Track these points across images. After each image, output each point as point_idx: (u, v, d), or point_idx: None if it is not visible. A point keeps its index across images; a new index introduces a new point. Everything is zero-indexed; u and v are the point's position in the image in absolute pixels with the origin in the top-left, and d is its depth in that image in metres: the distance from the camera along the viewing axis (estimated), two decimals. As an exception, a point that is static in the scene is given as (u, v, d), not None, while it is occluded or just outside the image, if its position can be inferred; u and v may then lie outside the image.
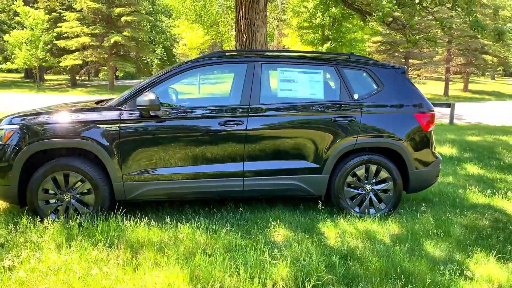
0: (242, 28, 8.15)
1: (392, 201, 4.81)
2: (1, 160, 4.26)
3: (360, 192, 4.78)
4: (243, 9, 8.03)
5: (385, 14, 11.31)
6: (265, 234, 4.13)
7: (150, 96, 4.22)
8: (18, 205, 4.46)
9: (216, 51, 5.22)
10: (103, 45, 29.65)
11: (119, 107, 4.41)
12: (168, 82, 4.66)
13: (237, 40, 8.39)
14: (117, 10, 29.86)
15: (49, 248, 3.65)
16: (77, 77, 36.05)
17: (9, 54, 31.16)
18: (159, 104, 4.25)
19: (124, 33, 29.91)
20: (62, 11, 30.49)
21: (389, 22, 11.94)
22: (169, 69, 4.72)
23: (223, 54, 5.04)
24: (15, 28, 31.79)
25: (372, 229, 4.31)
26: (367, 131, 4.67)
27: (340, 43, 26.78)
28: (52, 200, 4.37)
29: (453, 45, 34.44)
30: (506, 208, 5.15)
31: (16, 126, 4.32)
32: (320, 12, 25.88)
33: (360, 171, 4.74)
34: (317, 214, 4.70)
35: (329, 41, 26.49)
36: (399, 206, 5.00)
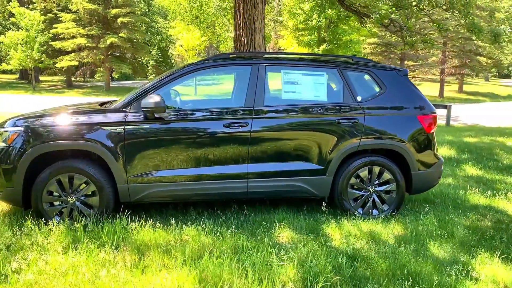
0: (241, 30, 8.17)
1: (395, 203, 4.84)
2: (6, 162, 4.25)
3: (364, 194, 4.81)
4: (242, 11, 8.05)
5: (383, 16, 11.38)
6: (270, 236, 4.15)
7: (156, 98, 4.23)
8: (22, 208, 4.45)
9: (220, 54, 5.24)
10: (99, 46, 29.56)
11: (124, 109, 4.41)
12: (172, 84, 4.67)
13: (236, 42, 8.40)
14: (113, 11, 29.79)
15: (56, 251, 3.65)
16: (73, 78, 35.92)
17: (4, 55, 31.01)
18: (165, 106, 4.26)
19: (121, 34, 29.85)
20: (58, 12, 30.36)
21: (387, 24, 12.00)
22: (173, 72, 4.73)
23: (227, 57, 5.06)
24: (10, 29, 31.67)
25: (376, 230, 4.34)
26: (370, 133, 4.70)
27: (336, 45, 26.88)
28: (57, 202, 4.36)
29: (448, 47, 34.64)
30: (507, 209, 5.20)
31: (21, 128, 4.31)
32: (316, 14, 25.96)
33: (364, 173, 4.77)
34: (321, 216, 4.73)
35: (325, 43, 26.57)
36: (402, 208, 5.03)
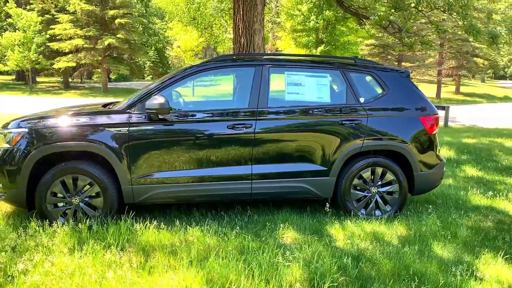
0: (240, 31, 8.17)
1: (398, 203, 4.87)
2: (10, 164, 4.25)
3: (366, 195, 4.84)
4: (241, 12, 8.05)
5: (382, 18, 11.43)
6: (275, 237, 4.16)
7: (160, 100, 4.23)
8: (26, 209, 4.45)
9: (223, 55, 5.25)
10: (97, 47, 29.50)
11: (128, 111, 4.42)
12: (175, 86, 4.67)
13: (235, 43, 8.41)
14: (111, 12, 29.73)
15: (61, 252, 3.64)
16: (70, 80, 35.83)
17: (1, 56, 30.90)
18: (169, 108, 4.27)
19: (118, 35, 29.80)
20: (55, 13, 30.27)
21: (386, 26, 12.05)
22: (176, 73, 4.74)
23: (230, 58, 5.07)
24: (7, 30, 31.56)
25: (380, 231, 4.36)
26: (373, 134, 4.72)
27: (334, 46, 26.94)
28: (61, 204, 4.36)
29: (445, 48, 34.78)
30: (509, 210, 5.24)
31: (25, 130, 4.31)
32: (314, 15, 26.02)
33: (366, 174, 4.79)
34: (324, 216, 4.75)
35: (323, 44, 26.62)
36: (404, 208, 5.05)
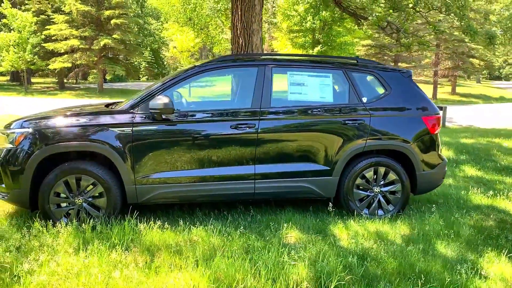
0: (238, 32, 8.18)
1: (400, 203, 4.89)
2: (13, 164, 4.24)
3: (369, 194, 4.86)
4: (239, 13, 8.06)
5: (380, 18, 11.47)
6: (279, 236, 4.17)
7: (164, 100, 4.23)
8: (29, 209, 4.44)
9: (225, 56, 5.26)
10: (93, 48, 29.41)
11: (131, 110, 4.41)
12: (178, 86, 4.67)
13: (233, 44, 8.41)
14: (107, 13, 29.67)
15: (66, 252, 3.63)
16: (65, 80, 35.69)
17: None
18: (173, 108, 4.27)
19: (114, 36, 29.73)
20: (51, 14, 30.15)
21: (384, 26, 12.10)
22: (178, 73, 4.74)
23: (232, 58, 5.07)
24: (2, 31, 31.37)
25: (383, 230, 4.38)
26: (376, 134, 4.74)
27: (331, 47, 26.99)
28: (64, 204, 4.35)
29: (441, 49, 34.94)
30: (510, 209, 5.27)
31: (28, 130, 4.30)
32: (311, 16, 26.07)
33: (369, 173, 4.81)
34: (328, 216, 4.76)
35: (320, 45, 26.67)
36: (406, 208, 5.08)
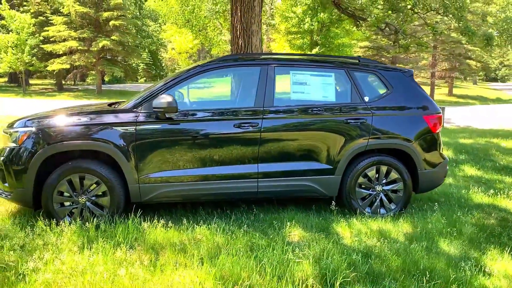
0: (238, 33, 8.20)
1: (402, 201, 4.91)
2: (16, 163, 4.24)
3: (371, 193, 4.88)
4: (239, 14, 8.08)
5: (379, 19, 11.52)
6: (282, 235, 4.18)
7: (168, 99, 4.24)
8: (33, 208, 4.43)
9: (227, 55, 5.27)
10: (91, 49, 29.39)
11: (135, 109, 4.42)
12: (181, 85, 4.69)
13: (233, 45, 8.43)
14: (105, 14, 29.67)
15: (71, 250, 3.64)
16: (63, 82, 35.63)
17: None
18: (177, 106, 4.28)
19: (112, 37, 29.72)
20: (49, 15, 30.13)
21: (383, 27, 12.16)
22: (181, 73, 4.75)
23: (235, 58, 5.09)
24: (0, 32, 31.32)
25: (386, 229, 4.40)
26: (378, 133, 4.76)
27: (329, 48, 27.04)
28: (67, 203, 4.35)
29: (438, 50, 35.08)
30: (511, 208, 5.30)
31: (31, 129, 4.30)
32: (309, 18, 26.11)
33: (371, 172, 4.83)
34: (330, 215, 4.77)
35: (318, 46, 26.72)
36: (408, 206, 5.10)
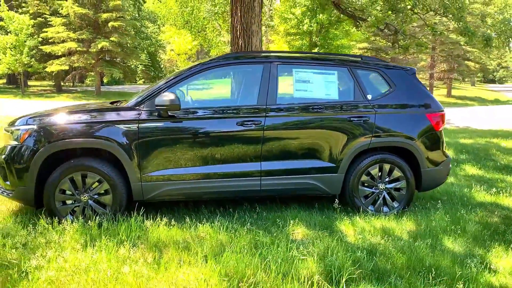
0: (238, 33, 8.19)
1: (405, 200, 4.89)
2: (18, 161, 4.21)
3: (374, 191, 4.86)
4: (239, 14, 8.07)
5: (379, 20, 11.52)
6: (286, 233, 4.16)
7: (170, 96, 4.23)
8: (34, 207, 4.41)
9: (230, 53, 5.26)
10: (90, 51, 29.33)
11: (137, 107, 4.40)
12: (183, 84, 4.67)
13: (233, 45, 8.42)
14: (104, 16, 29.61)
15: (74, 248, 3.61)
16: (62, 83, 35.56)
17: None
18: (179, 104, 4.26)
19: (111, 38, 29.67)
20: (48, 16, 30.06)
21: (382, 28, 12.16)
22: (183, 71, 4.74)
23: (238, 56, 5.08)
24: (-1, 33, 31.26)
25: (389, 227, 4.38)
26: (381, 131, 4.75)
27: (328, 50, 27.06)
28: (69, 201, 4.33)
29: (437, 52, 35.15)
30: (513, 206, 5.30)
31: (33, 127, 4.28)
32: (308, 19, 26.14)
33: (374, 170, 4.82)
34: (333, 213, 4.76)
35: (317, 48, 26.74)
36: (411, 205, 5.08)
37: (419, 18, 12.58)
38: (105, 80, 42.34)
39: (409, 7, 11.69)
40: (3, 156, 4.29)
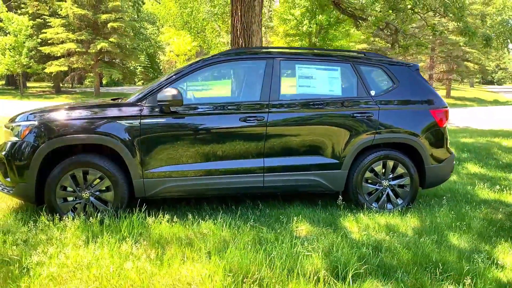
0: (238, 33, 8.15)
1: (409, 196, 4.86)
2: (19, 158, 4.16)
3: (378, 188, 4.82)
4: (239, 13, 8.04)
5: (379, 19, 11.50)
6: (289, 229, 4.12)
7: (173, 91, 4.18)
8: (35, 204, 4.36)
9: (232, 49, 5.22)
10: (89, 52, 29.30)
11: (139, 103, 4.36)
12: (184, 80, 4.62)
13: (233, 45, 8.39)
14: (103, 17, 29.60)
15: (75, 245, 3.56)
16: (61, 84, 35.51)
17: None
18: (182, 99, 4.22)
19: (111, 39, 29.65)
20: (47, 17, 30.03)
21: (383, 27, 12.14)
22: (185, 67, 4.69)
23: (240, 51, 5.04)
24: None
25: (394, 223, 4.34)
26: (385, 127, 4.71)
27: (327, 50, 27.03)
28: (70, 198, 4.28)
29: (436, 52, 35.18)
30: (518, 203, 5.26)
31: (34, 123, 4.23)
32: (307, 20, 26.13)
33: (378, 167, 4.78)
34: (337, 210, 4.71)
35: (316, 48, 26.72)
36: (415, 202, 5.04)
37: (419, 18, 12.57)
38: (104, 81, 42.29)
39: (410, 7, 11.67)
40: (4, 153, 4.24)
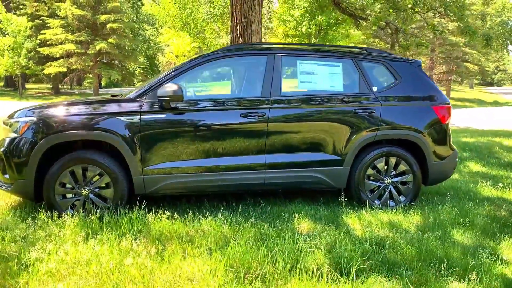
0: (238, 32, 8.12)
1: (412, 193, 4.81)
2: (17, 154, 4.11)
3: (380, 185, 4.77)
4: (239, 13, 8.01)
5: (379, 19, 11.49)
6: (291, 226, 4.07)
7: (173, 87, 4.14)
8: (34, 201, 4.31)
9: (235, 45, 5.18)
10: (88, 53, 29.26)
11: (139, 99, 4.31)
12: (185, 76, 4.58)
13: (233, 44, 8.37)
14: (102, 18, 29.57)
15: (74, 241, 3.51)
16: (60, 85, 35.46)
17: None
18: (182, 95, 4.17)
19: (110, 40, 29.62)
20: (46, 18, 30.00)
21: (383, 27, 12.13)
22: (185, 63, 4.65)
23: (241, 47, 5.00)
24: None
25: (397, 220, 4.30)
26: (387, 123, 4.67)
27: (327, 51, 27.02)
28: (69, 195, 4.23)
29: (436, 53, 35.19)
30: (520, 201, 5.22)
31: (32, 119, 4.18)
32: (307, 21, 26.15)
33: (380, 164, 4.73)
34: (339, 207, 4.67)
35: (316, 49, 26.70)
36: (417, 199, 5.00)
37: (420, 18, 12.56)
38: (103, 83, 42.28)
39: (410, 6, 11.65)
40: (2, 149, 4.19)
